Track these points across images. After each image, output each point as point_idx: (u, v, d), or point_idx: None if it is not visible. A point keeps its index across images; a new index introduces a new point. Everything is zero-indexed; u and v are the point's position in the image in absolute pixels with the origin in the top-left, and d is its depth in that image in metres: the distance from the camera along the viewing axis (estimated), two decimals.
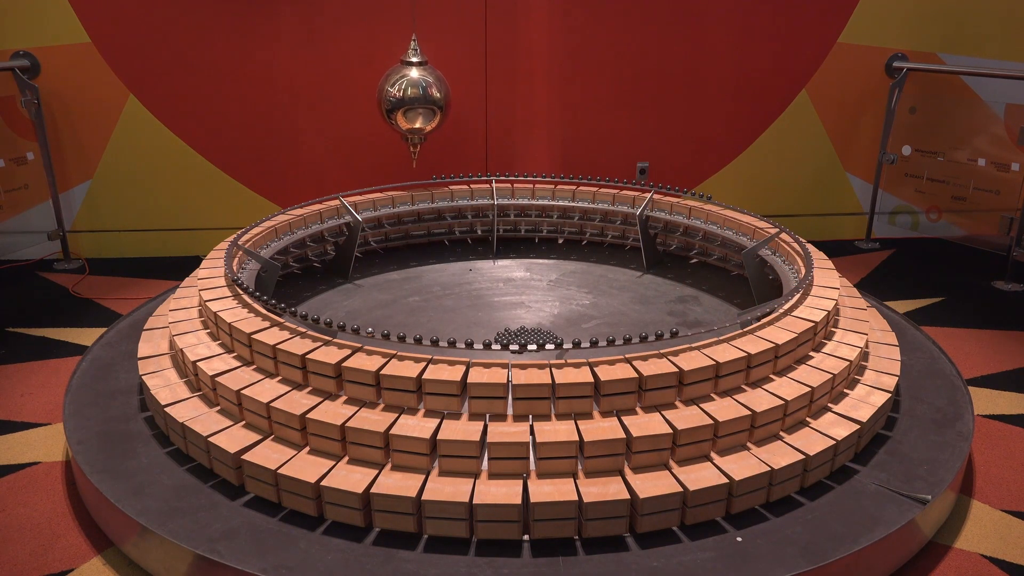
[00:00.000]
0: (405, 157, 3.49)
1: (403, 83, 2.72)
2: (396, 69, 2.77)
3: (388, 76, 2.76)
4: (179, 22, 3.21)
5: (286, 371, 1.74)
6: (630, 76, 3.51)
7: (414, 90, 2.72)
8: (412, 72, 2.75)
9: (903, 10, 3.56)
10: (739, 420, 1.62)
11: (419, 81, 2.73)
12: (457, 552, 1.48)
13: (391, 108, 2.74)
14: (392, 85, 2.73)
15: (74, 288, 3.09)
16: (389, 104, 2.74)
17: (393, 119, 2.77)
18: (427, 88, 2.73)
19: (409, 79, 2.73)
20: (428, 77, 2.74)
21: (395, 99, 2.73)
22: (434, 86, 2.75)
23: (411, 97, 2.71)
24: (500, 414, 1.62)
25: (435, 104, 2.76)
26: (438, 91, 2.75)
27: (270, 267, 2.41)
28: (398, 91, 2.71)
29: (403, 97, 2.71)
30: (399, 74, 2.75)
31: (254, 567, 1.42)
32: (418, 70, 2.75)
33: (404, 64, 2.77)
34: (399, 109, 2.74)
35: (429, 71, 2.76)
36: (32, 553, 1.63)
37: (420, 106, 2.73)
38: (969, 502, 1.82)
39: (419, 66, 2.76)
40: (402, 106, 2.73)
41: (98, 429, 1.88)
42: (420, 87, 2.73)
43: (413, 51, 2.77)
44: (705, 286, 2.76)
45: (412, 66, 2.77)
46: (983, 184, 3.59)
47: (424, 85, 2.73)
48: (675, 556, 1.47)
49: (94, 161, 3.36)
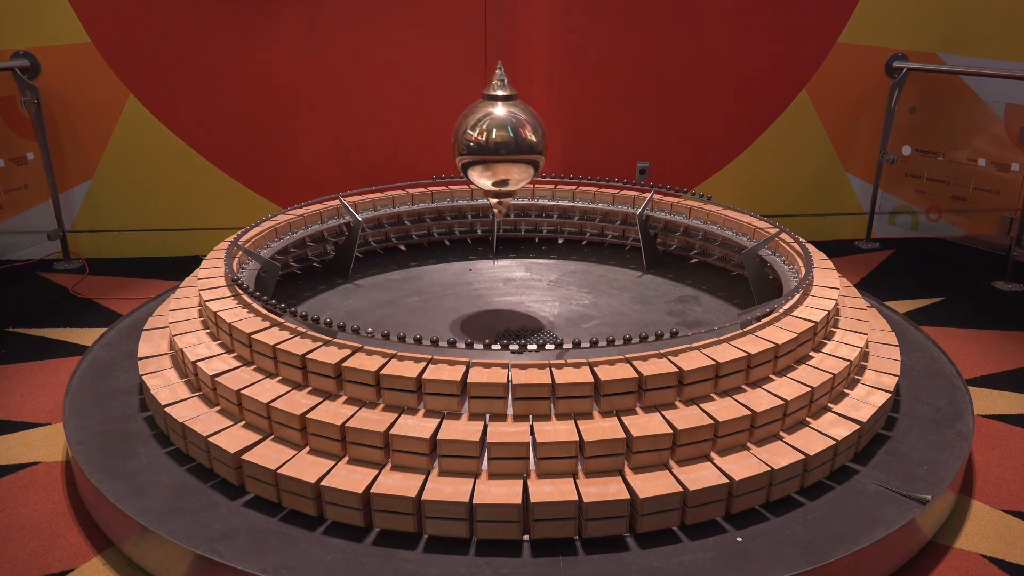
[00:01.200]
0: (405, 157, 3.49)
1: (486, 124, 2.10)
2: (477, 106, 2.16)
3: (467, 115, 2.15)
4: (179, 22, 3.22)
5: (286, 371, 1.74)
6: (630, 76, 3.51)
7: (502, 133, 2.09)
8: (498, 109, 2.12)
9: (903, 10, 3.56)
10: (739, 420, 1.62)
11: (508, 121, 2.11)
12: (457, 552, 1.48)
13: (469, 155, 2.13)
14: (472, 127, 2.11)
15: (74, 288, 3.09)
16: (467, 149, 2.11)
17: (472, 171, 2.16)
18: (519, 130, 2.10)
19: (495, 119, 2.11)
20: (519, 115, 2.13)
21: (476, 145, 2.10)
22: (528, 126, 2.11)
23: (498, 143, 2.09)
24: (500, 414, 1.62)
25: (529, 150, 2.12)
26: (533, 133, 2.12)
27: (270, 267, 2.41)
28: (480, 135, 2.09)
29: (487, 143, 2.09)
30: (481, 112, 2.13)
31: (254, 567, 1.42)
32: (506, 107, 2.13)
33: (487, 99, 2.15)
34: (481, 159, 2.12)
35: (521, 108, 2.15)
36: (32, 553, 1.63)
37: (509, 154, 2.11)
38: (969, 502, 1.82)
39: (507, 101, 2.15)
40: (484, 154, 2.11)
41: (98, 429, 1.88)
42: (509, 129, 2.10)
43: (499, 82, 2.16)
44: (705, 286, 2.76)
45: (498, 101, 2.14)
46: (983, 184, 3.59)
47: (514, 126, 2.10)
48: (675, 556, 1.47)
49: (94, 161, 3.36)
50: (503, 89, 2.15)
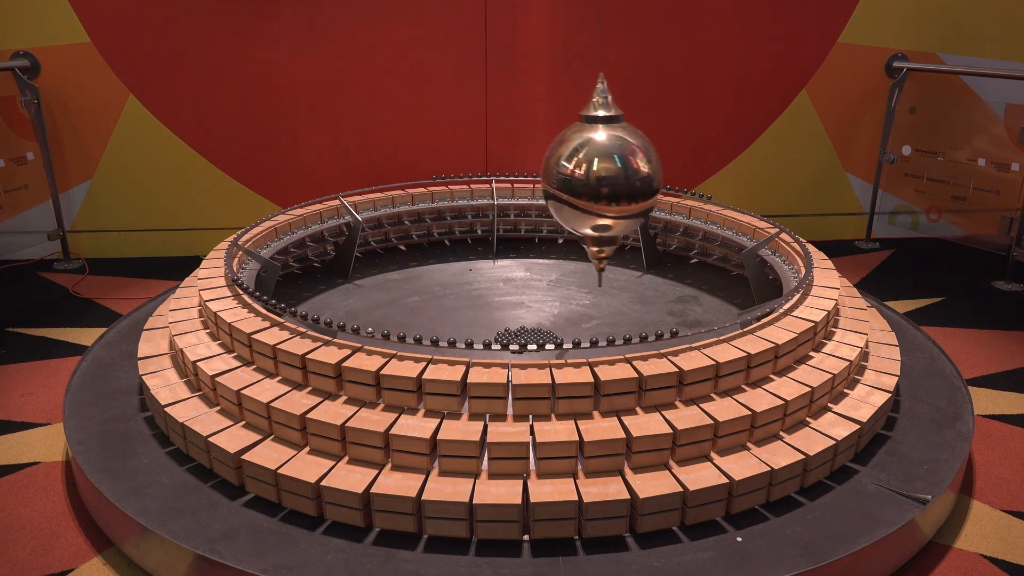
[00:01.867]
0: (405, 157, 3.49)
1: (587, 153, 1.66)
2: (574, 130, 1.73)
3: (561, 142, 1.72)
4: (179, 22, 3.22)
5: (286, 371, 1.74)
6: (630, 76, 3.50)
7: (607, 165, 1.65)
8: (600, 134, 1.68)
9: (903, 10, 3.56)
10: (739, 420, 1.62)
11: (614, 149, 1.67)
12: (457, 552, 1.48)
13: (566, 194, 1.68)
14: (568, 158, 1.67)
15: (74, 288, 3.09)
16: (562, 186, 1.68)
17: (562, 212, 1.74)
18: (628, 160, 1.66)
19: (597, 146, 1.67)
20: (630, 141, 1.69)
21: (577, 180, 1.65)
22: (640, 156, 1.68)
23: (602, 178, 1.64)
24: (500, 414, 1.62)
25: (641, 186, 1.67)
26: (646, 164, 1.69)
27: (270, 267, 2.41)
28: (579, 168, 1.64)
29: (588, 177, 1.64)
30: (579, 139, 1.70)
31: (254, 567, 1.42)
32: (609, 131, 1.70)
33: (586, 121, 1.72)
34: (581, 196, 1.66)
35: (629, 131, 1.72)
36: (32, 553, 1.63)
37: (615, 190, 1.66)
38: (969, 502, 1.82)
39: (609, 124, 1.70)
40: (586, 192, 1.64)
41: (98, 429, 1.88)
42: (617, 159, 1.66)
43: (601, 99, 1.72)
44: (705, 286, 2.76)
45: (598, 124, 1.70)
46: (983, 184, 3.59)
47: (623, 156, 1.66)
48: (675, 556, 1.47)
49: (94, 161, 3.36)
50: (605, 108, 1.70)
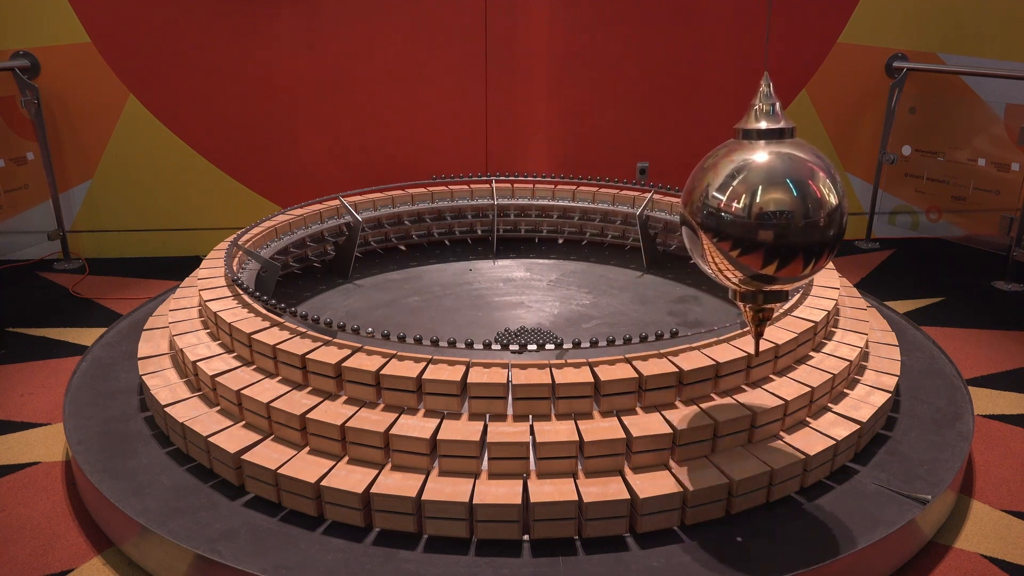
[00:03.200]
0: (405, 157, 3.49)
1: (750, 182, 1.27)
2: (728, 149, 1.34)
3: (712, 164, 1.34)
4: (179, 22, 3.22)
5: (286, 371, 1.74)
6: (630, 76, 3.50)
7: (779, 197, 1.26)
8: (762, 154, 1.30)
9: (903, 10, 3.56)
10: (739, 420, 1.62)
11: (785, 174, 1.27)
12: (457, 552, 1.48)
13: (711, 232, 1.31)
14: (720, 187, 1.29)
15: (74, 288, 3.09)
16: (706, 216, 1.31)
17: (712, 259, 1.34)
18: (808, 190, 1.26)
19: (760, 170, 1.28)
20: (808, 162, 1.29)
21: (735, 219, 1.27)
22: (821, 183, 1.27)
23: (774, 215, 1.25)
24: (500, 414, 1.62)
25: (825, 219, 1.27)
26: (832, 192, 1.28)
27: (270, 267, 2.41)
28: (740, 204, 1.27)
29: (750, 216, 1.26)
30: (739, 161, 1.31)
31: (254, 567, 1.42)
32: (776, 149, 1.30)
33: (745, 136, 1.34)
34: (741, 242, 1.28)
35: (803, 148, 1.31)
36: (32, 553, 1.63)
37: (788, 229, 1.26)
38: (969, 502, 1.82)
39: (777, 140, 1.31)
40: (746, 239, 1.27)
41: (98, 429, 1.88)
42: (793, 190, 1.26)
43: (766, 107, 1.34)
44: (705, 286, 2.76)
45: (762, 141, 1.32)
46: (983, 184, 3.59)
47: (801, 186, 1.26)
48: (675, 556, 1.47)
49: (94, 161, 3.36)
50: (772, 119, 1.31)
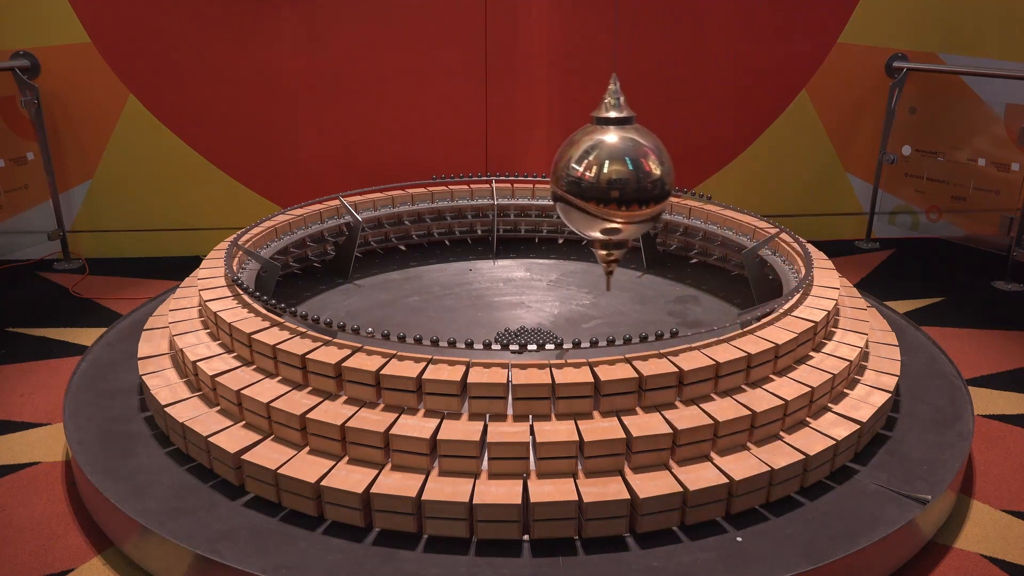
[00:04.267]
0: (405, 157, 3.49)
1: (597, 156, 1.64)
2: (583, 132, 1.72)
3: (571, 143, 1.70)
4: (179, 22, 3.21)
5: (286, 371, 1.74)
6: (630, 76, 3.49)
7: (618, 168, 1.63)
8: (611, 136, 1.66)
9: (903, 10, 3.56)
10: (739, 420, 1.62)
11: (625, 152, 1.65)
12: (457, 552, 1.48)
13: (575, 197, 1.67)
14: (578, 160, 1.65)
15: (74, 288, 3.09)
16: (570, 189, 1.67)
17: (571, 215, 1.72)
18: (640, 163, 1.64)
19: (607, 148, 1.65)
20: (641, 143, 1.67)
21: (586, 182, 1.64)
22: (652, 158, 1.66)
23: (614, 180, 1.62)
24: (500, 414, 1.62)
25: (652, 187, 1.65)
26: (657, 166, 1.66)
27: (270, 267, 2.41)
28: (589, 171, 1.63)
29: (598, 180, 1.62)
30: (588, 141, 1.68)
31: (254, 567, 1.42)
32: (620, 133, 1.67)
33: (597, 123, 1.70)
34: (591, 199, 1.64)
35: (641, 133, 1.69)
36: (32, 553, 1.63)
37: (626, 193, 1.63)
38: (969, 502, 1.82)
39: (621, 125, 1.68)
40: (595, 195, 1.63)
41: (98, 429, 1.88)
42: (628, 162, 1.63)
43: (613, 100, 1.71)
44: (705, 286, 2.76)
45: (611, 126, 1.68)
46: (983, 184, 3.59)
47: (634, 159, 1.64)
48: (675, 556, 1.47)
49: (94, 161, 3.36)
50: (617, 109, 1.68)
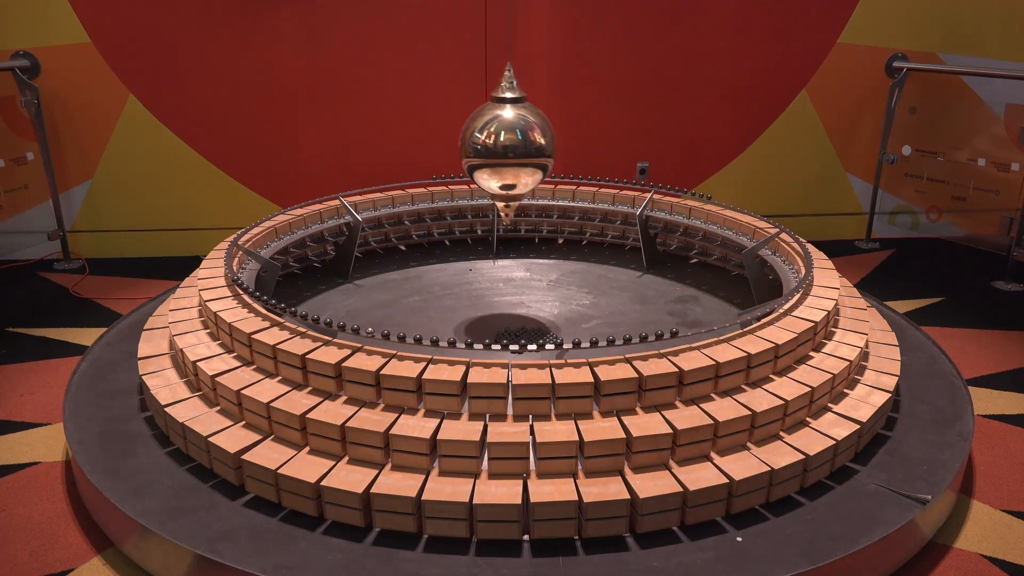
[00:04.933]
0: (405, 157, 3.49)
1: (494, 127, 2.07)
2: (485, 109, 2.13)
3: (474, 118, 2.12)
4: (179, 22, 3.21)
5: (286, 371, 1.74)
6: (630, 76, 3.50)
7: (510, 136, 2.06)
8: (507, 112, 2.09)
9: (903, 10, 3.56)
10: (739, 420, 1.62)
11: (516, 124, 2.07)
12: (457, 552, 1.48)
13: (477, 161, 2.10)
14: (480, 130, 2.08)
15: (74, 288, 3.09)
16: (474, 153, 2.08)
17: (480, 175, 2.13)
18: (527, 132, 2.07)
19: (503, 122, 2.07)
20: (528, 118, 2.09)
21: (484, 148, 2.06)
22: (537, 130, 2.08)
23: (506, 145, 2.06)
24: (500, 414, 1.62)
25: (537, 154, 2.09)
26: (542, 136, 2.09)
27: (270, 267, 2.41)
28: (488, 137, 2.06)
29: (494, 145, 2.06)
30: (489, 115, 2.09)
31: (254, 567, 1.42)
32: (515, 109, 2.10)
33: (496, 102, 2.13)
34: (488, 161, 2.09)
35: (529, 110, 2.12)
36: (32, 553, 1.63)
37: (518, 157, 2.08)
38: (969, 502, 1.82)
39: (515, 103, 2.11)
40: (492, 157, 2.07)
41: (98, 429, 1.88)
42: (518, 131, 2.06)
43: (508, 84, 2.13)
44: (705, 286, 2.76)
45: (506, 104, 2.11)
46: (983, 184, 3.59)
47: (523, 129, 2.07)
48: (675, 556, 1.47)
49: (94, 161, 3.36)
50: (512, 91, 2.11)
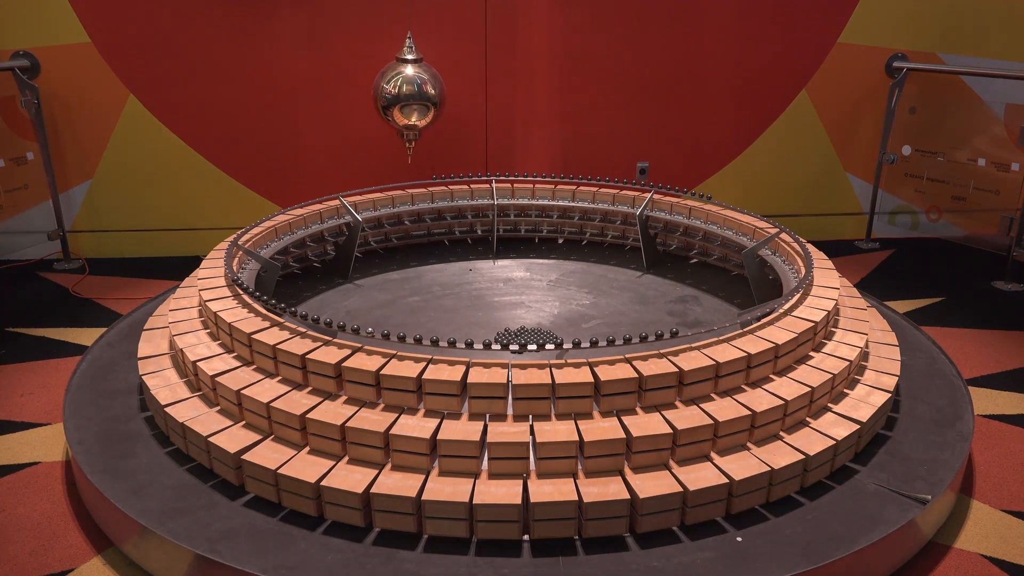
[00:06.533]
0: (405, 157, 3.49)
1: (398, 80, 2.78)
2: (392, 66, 2.83)
3: (384, 73, 2.82)
4: (179, 22, 3.21)
5: (286, 371, 1.74)
6: (630, 76, 3.50)
7: (409, 87, 2.78)
8: (407, 69, 2.80)
9: (903, 10, 3.56)
10: (739, 420, 1.62)
11: (414, 78, 2.79)
12: (457, 552, 1.48)
13: (387, 104, 2.80)
14: (388, 82, 2.79)
15: (74, 288, 3.09)
16: (385, 101, 2.80)
17: (389, 115, 2.83)
18: (422, 85, 2.79)
19: (404, 76, 2.79)
20: (423, 74, 2.80)
21: (391, 96, 2.79)
22: (429, 83, 2.81)
23: (407, 94, 2.77)
24: (500, 414, 1.62)
25: (430, 100, 2.82)
26: (432, 88, 2.81)
27: (270, 267, 2.41)
28: (393, 88, 2.77)
29: (399, 94, 2.77)
30: (394, 71, 2.81)
31: (254, 567, 1.42)
32: (413, 67, 2.81)
33: (400, 61, 2.82)
34: (395, 106, 2.80)
35: (424, 68, 2.83)
36: (32, 553, 1.63)
37: (415, 103, 2.79)
38: (969, 502, 1.82)
39: (414, 63, 2.82)
40: (397, 103, 2.79)
41: (98, 429, 1.88)
42: (415, 84, 2.78)
43: (408, 48, 2.83)
44: (705, 286, 2.76)
45: (407, 63, 2.82)
46: (983, 184, 3.59)
47: (419, 82, 2.79)
48: (675, 556, 1.47)
49: (94, 161, 3.36)
50: (412, 54, 2.84)
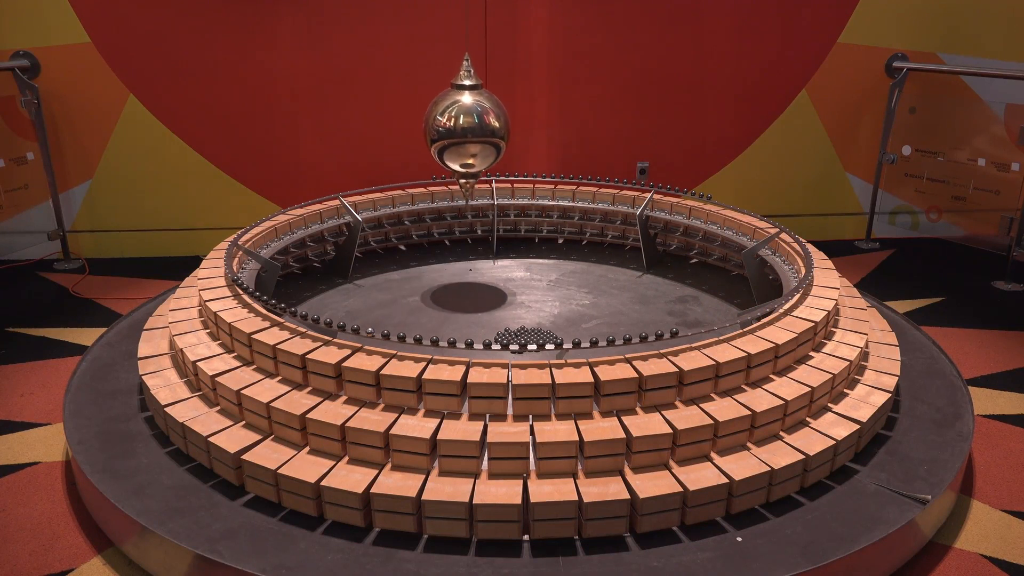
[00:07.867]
0: (405, 157, 3.50)
1: (454, 111, 2.24)
2: (445, 94, 2.30)
3: (436, 103, 2.28)
4: (179, 22, 3.21)
5: (286, 371, 1.74)
6: (630, 76, 3.50)
7: (468, 119, 2.23)
8: (466, 97, 2.25)
9: (903, 10, 3.56)
10: (739, 420, 1.62)
11: (473, 108, 2.24)
12: (457, 552, 1.48)
13: (438, 139, 2.26)
14: (441, 113, 2.24)
15: (74, 288, 3.09)
16: (436, 135, 2.25)
17: (442, 154, 2.30)
18: (483, 116, 2.24)
19: (461, 106, 2.24)
20: (484, 103, 2.26)
21: (444, 129, 2.23)
22: (491, 113, 2.26)
23: (464, 127, 2.22)
24: (500, 414, 1.62)
25: (493, 135, 2.28)
26: (496, 119, 2.27)
27: (270, 267, 2.41)
28: (448, 120, 2.23)
29: (454, 127, 2.23)
30: (449, 100, 2.26)
31: (254, 567, 1.42)
32: (472, 95, 2.26)
33: (455, 88, 2.29)
34: (449, 141, 2.28)
35: (485, 96, 2.29)
36: (32, 553, 1.63)
37: (475, 138, 2.25)
38: (969, 502, 1.82)
39: (473, 90, 2.28)
40: (452, 137, 2.24)
41: (98, 429, 1.88)
42: (475, 115, 2.23)
43: (466, 72, 2.29)
44: (705, 286, 2.76)
45: (465, 90, 2.27)
46: (983, 184, 3.59)
47: (479, 112, 2.24)
48: (675, 556, 1.47)
49: (94, 161, 3.36)
50: (470, 79, 2.27)
